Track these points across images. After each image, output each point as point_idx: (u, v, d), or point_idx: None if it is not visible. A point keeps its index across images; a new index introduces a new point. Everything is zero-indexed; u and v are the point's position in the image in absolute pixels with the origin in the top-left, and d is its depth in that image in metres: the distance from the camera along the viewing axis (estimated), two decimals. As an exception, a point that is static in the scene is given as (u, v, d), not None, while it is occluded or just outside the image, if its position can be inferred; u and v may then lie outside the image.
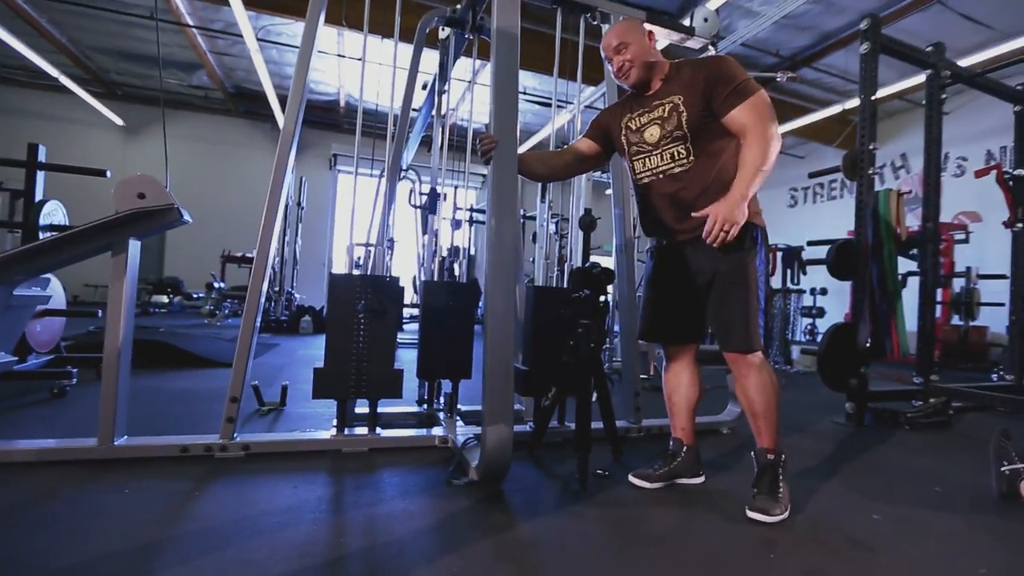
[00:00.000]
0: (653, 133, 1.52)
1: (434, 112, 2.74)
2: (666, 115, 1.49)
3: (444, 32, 2.49)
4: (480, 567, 1.08)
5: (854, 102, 6.13)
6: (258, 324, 1.75)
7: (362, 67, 2.04)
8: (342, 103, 8.46)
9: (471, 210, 3.80)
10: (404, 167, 2.71)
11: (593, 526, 1.31)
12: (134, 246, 1.65)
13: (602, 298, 1.80)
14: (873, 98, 2.49)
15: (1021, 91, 2.86)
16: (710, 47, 2.50)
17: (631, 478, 1.61)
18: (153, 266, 8.59)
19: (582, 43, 2.24)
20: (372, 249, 2.16)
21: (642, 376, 2.24)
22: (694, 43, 2.42)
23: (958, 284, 5.07)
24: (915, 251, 2.81)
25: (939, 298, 3.29)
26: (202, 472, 1.53)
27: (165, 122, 2.11)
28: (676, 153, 1.49)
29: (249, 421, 2.12)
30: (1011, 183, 2.94)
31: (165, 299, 7.46)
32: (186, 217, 1.68)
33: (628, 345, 2.23)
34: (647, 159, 1.55)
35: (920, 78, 5.50)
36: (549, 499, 1.48)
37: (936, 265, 2.80)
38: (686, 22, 2.44)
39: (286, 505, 1.33)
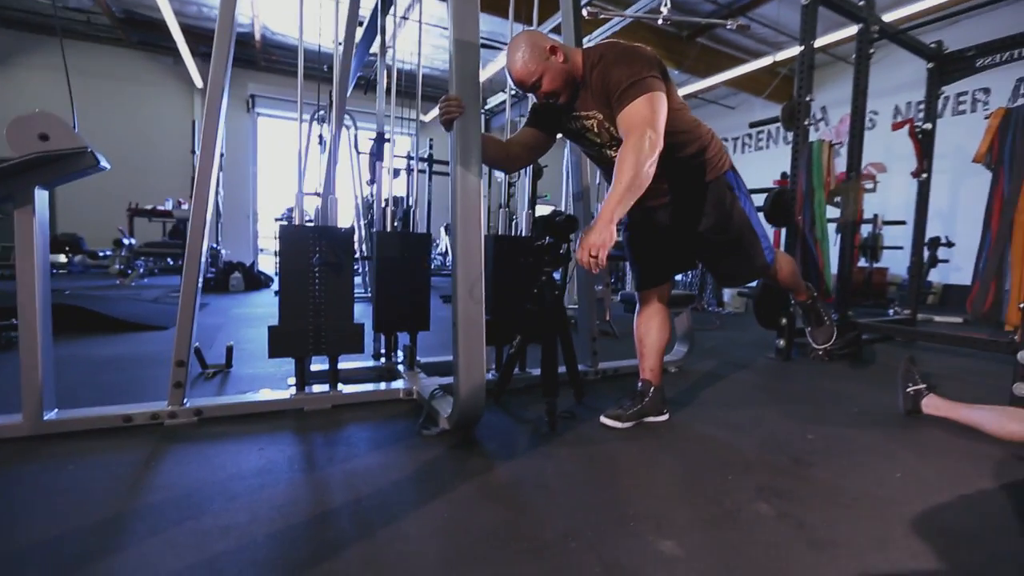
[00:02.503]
0: (593, 139, 1.55)
1: (375, 51, 2.53)
2: (596, 129, 1.51)
3: (385, -43, 2.26)
4: (468, 509, 1.11)
5: (785, 54, 6.40)
6: (200, 282, 1.61)
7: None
8: (257, 36, 7.60)
9: (410, 158, 3.62)
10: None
11: (568, 464, 1.38)
12: (41, 196, 1.43)
13: (563, 246, 1.82)
14: (813, 50, 2.58)
15: (935, 48, 3.09)
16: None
17: (603, 419, 1.68)
18: (44, 221, 7.56)
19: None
20: (320, 199, 2.02)
21: (596, 321, 2.31)
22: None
23: (865, 229, 5.57)
24: (839, 199, 3.04)
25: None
26: (154, 441, 1.42)
27: (64, 53, 1.79)
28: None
29: (195, 386, 1.99)
30: (920, 136, 3.22)
31: (63, 258, 6.62)
32: (103, 163, 1.47)
33: (585, 292, 2.29)
34: (600, 151, 1.59)
35: (842, 33, 5.80)
36: (521, 442, 1.53)
37: (856, 212, 3.05)
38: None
39: (256, 468, 1.28)
